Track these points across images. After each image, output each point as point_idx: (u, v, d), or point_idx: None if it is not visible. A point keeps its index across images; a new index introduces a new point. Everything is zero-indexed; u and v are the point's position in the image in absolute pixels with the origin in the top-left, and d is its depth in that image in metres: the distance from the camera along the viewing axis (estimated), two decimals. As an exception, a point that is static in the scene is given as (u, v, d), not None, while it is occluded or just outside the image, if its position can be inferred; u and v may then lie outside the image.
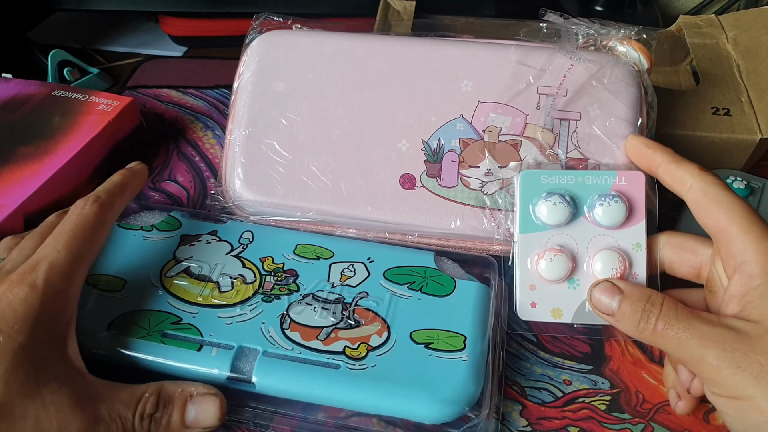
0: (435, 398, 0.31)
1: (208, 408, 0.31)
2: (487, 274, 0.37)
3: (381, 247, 0.38)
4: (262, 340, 0.33)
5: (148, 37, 0.60)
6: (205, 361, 0.32)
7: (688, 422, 0.34)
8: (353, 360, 0.32)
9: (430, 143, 0.38)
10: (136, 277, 0.36)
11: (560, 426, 0.34)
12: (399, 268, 0.37)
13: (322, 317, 0.34)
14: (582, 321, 0.34)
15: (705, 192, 0.31)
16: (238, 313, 0.34)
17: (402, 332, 0.33)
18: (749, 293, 0.29)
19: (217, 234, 0.38)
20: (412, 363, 0.32)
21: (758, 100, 0.44)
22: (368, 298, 0.35)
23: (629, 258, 0.34)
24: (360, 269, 0.37)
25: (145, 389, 0.31)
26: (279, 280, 0.36)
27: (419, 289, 0.36)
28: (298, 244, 0.38)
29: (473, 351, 0.33)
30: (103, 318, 0.34)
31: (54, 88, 0.47)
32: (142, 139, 0.49)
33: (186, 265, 0.37)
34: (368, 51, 0.40)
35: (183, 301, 0.35)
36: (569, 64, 0.38)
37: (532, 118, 0.38)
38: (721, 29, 0.49)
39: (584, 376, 0.36)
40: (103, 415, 0.29)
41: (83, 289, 0.33)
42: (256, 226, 0.39)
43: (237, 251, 0.37)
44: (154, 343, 0.33)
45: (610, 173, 0.35)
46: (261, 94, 0.40)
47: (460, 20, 0.46)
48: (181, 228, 0.39)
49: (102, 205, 0.34)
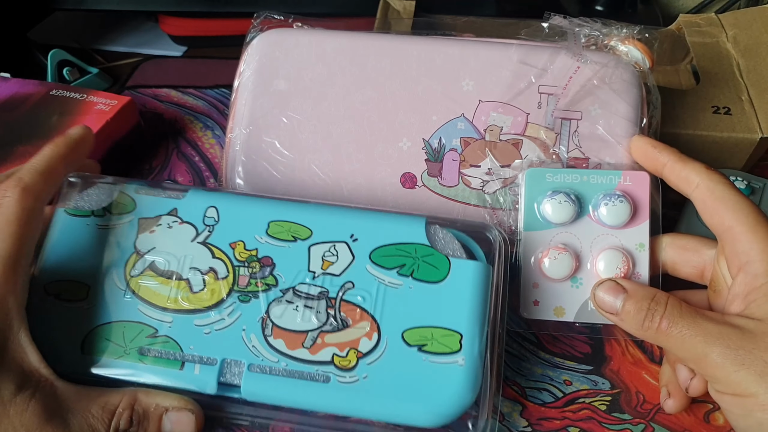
0: (430, 410, 0.30)
1: (184, 422, 0.30)
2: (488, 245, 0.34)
3: (364, 219, 0.34)
4: (245, 351, 0.31)
5: (148, 37, 0.60)
6: (189, 380, 0.31)
7: (689, 423, 0.34)
8: (343, 371, 0.30)
9: (431, 142, 0.38)
10: (99, 279, 0.33)
11: (560, 426, 0.34)
12: (386, 248, 0.33)
13: (306, 319, 0.31)
14: (584, 320, 0.34)
15: (712, 191, 0.31)
16: (215, 319, 0.32)
17: (393, 333, 0.31)
18: (753, 292, 0.29)
19: (178, 214, 0.34)
20: (406, 371, 0.30)
21: (758, 98, 0.44)
22: (354, 290, 0.32)
23: (632, 258, 0.34)
24: (343, 251, 0.33)
25: (117, 401, 0.30)
26: (254, 272, 0.33)
27: (410, 275, 0.32)
28: (270, 221, 0.34)
29: (470, 353, 0.31)
30: (72, 336, 0.31)
31: (52, 88, 0.47)
32: (141, 138, 0.48)
33: (150, 259, 0.33)
34: (369, 50, 0.40)
35: (154, 307, 0.32)
36: (575, 66, 0.38)
37: (533, 117, 0.38)
38: (721, 28, 0.49)
39: (585, 377, 0.36)
40: (75, 431, 0.28)
41: (45, 303, 0.31)
42: (220, 198, 0.35)
43: (203, 236, 0.33)
44: (133, 363, 0.31)
45: (615, 173, 0.35)
46: (262, 93, 0.40)
47: (460, 19, 0.46)
48: (136, 208, 0.34)
49: (25, 190, 0.29)
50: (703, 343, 0.28)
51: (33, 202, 0.30)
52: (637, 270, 0.34)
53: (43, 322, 0.31)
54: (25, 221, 0.29)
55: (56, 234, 0.33)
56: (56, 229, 0.33)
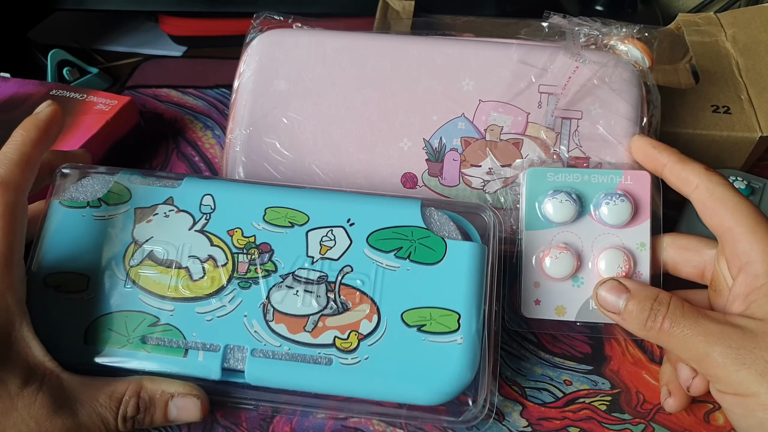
0: (430, 389, 0.31)
1: (190, 407, 0.31)
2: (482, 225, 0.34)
3: (360, 203, 0.34)
4: (247, 336, 0.31)
5: (148, 37, 0.60)
6: (193, 367, 0.31)
7: (689, 423, 0.34)
8: (345, 353, 0.31)
9: (431, 142, 0.38)
10: (98, 270, 0.33)
11: (560, 426, 0.34)
12: (383, 231, 0.33)
13: (306, 303, 0.32)
14: (585, 319, 0.34)
15: (711, 192, 0.31)
16: (216, 306, 0.32)
17: (392, 314, 0.32)
18: (754, 292, 0.29)
19: (174, 203, 0.34)
20: (406, 351, 0.31)
21: (758, 97, 0.44)
22: (353, 273, 0.32)
23: (634, 257, 0.34)
24: (341, 236, 0.33)
25: (123, 389, 0.30)
26: (253, 258, 0.33)
27: (407, 257, 0.33)
28: (267, 207, 0.34)
29: (468, 332, 0.31)
30: (74, 327, 0.32)
31: (52, 88, 0.47)
32: (141, 138, 0.48)
33: (149, 249, 0.33)
34: (369, 50, 0.40)
35: (155, 296, 0.32)
36: (574, 66, 0.38)
37: (533, 116, 0.38)
38: (720, 27, 0.49)
39: (585, 377, 0.36)
40: (84, 420, 0.29)
41: (46, 295, 0.31)
42: (216, 185, 0.35)
43: (201, 224, 0.34)
44: (137, 352, 0.31)
45: (617, 172, 0.35)
46: (262, 93, 0.40)
47: (460, 19, 0.46)
48: (132, 198, 0.34)
49: (3, 184, 0.29)
50: (704, 343, 0.28)
51: (14, 196, 0.29)
52: (638, 269, 0.34)
53: (44, 314, 0.31)
54: (9, 216, 0.29)
55: (53, 226, 0.33)
56: (52, 221, 0.33)
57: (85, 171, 0.35)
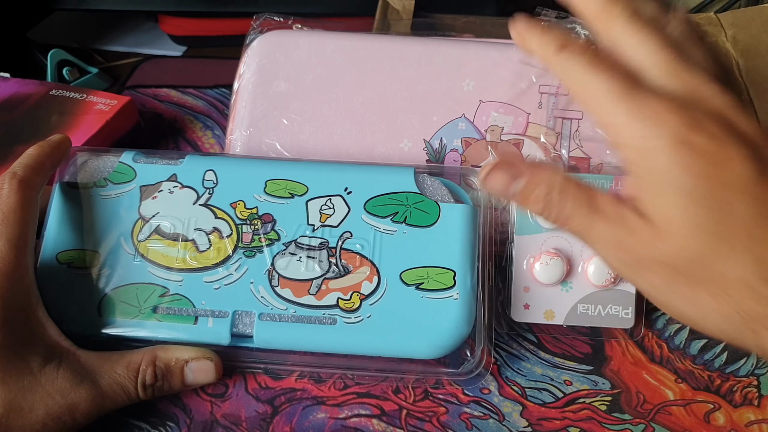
0: (430, 343, 0.32)
1: (205, 369, 0.33)
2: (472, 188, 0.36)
3: (357, 172, 0.36)
4: (254, 302, 0.33)
5: (148, 37, 0.60)
6: (203, 334, 0.33)
7: (689, 423, 0.34)
8: (348, 312, 0.33)
9: (432, 143, 0.38)
10: (108, 246, 0.34)
11: (561, 427, 0.34)
12: (379, 197, 0.35)
13: (309, 268, 0.34)
14: (574, 323, 0.35)
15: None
16: (223, 275, 0.34)
17: (391, 274, 0.33)
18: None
19: (178, 179, 0.36)
20: (406, 308, 0.33)
21: (757, 98, 0.44)
22: (352, 239, 0.34)
23: None
24: (339, 204, 0.35)
25: (139, 360, 0.32)
26: (256, 228, 0.34)
27: (403, 221, 0.34)
28: (267, 180, 0.35)
29: (464, 287, 0.33)
30: (88, 300, 0.33)
31: (52, 88, 0.47)
32: (141, 138, 0.48)
33: (156, 223, 0.35)
34: (370, 51, 0.40)
35: (163, 268, 0.34)
36: None
37: (534, 117, 0.38)
38: (720, 27, 0.49)
39: (585, 377, 0.36)
40: (106, 390, 0.31)
41: (59, 272, 0.33)
42: (217, 161, 0.36)
43: (204, 199, 0.35)
44: (148, 321, 0.33)
45: (607, 177, 0.35)
46: (262, 95, 0.40)
47: (460, 19, 0.46)
48: (136, 177, 0.36)
49: (21, 182, 0.32)
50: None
51: (29, 192, 0.32)
52: None
53: (59, 289, 0.33)
54: (26, 207, 0.32)
55: (61, 206, 0.35)
56: (60, 202, 0.35)
57: (88, 153, 0.37)
